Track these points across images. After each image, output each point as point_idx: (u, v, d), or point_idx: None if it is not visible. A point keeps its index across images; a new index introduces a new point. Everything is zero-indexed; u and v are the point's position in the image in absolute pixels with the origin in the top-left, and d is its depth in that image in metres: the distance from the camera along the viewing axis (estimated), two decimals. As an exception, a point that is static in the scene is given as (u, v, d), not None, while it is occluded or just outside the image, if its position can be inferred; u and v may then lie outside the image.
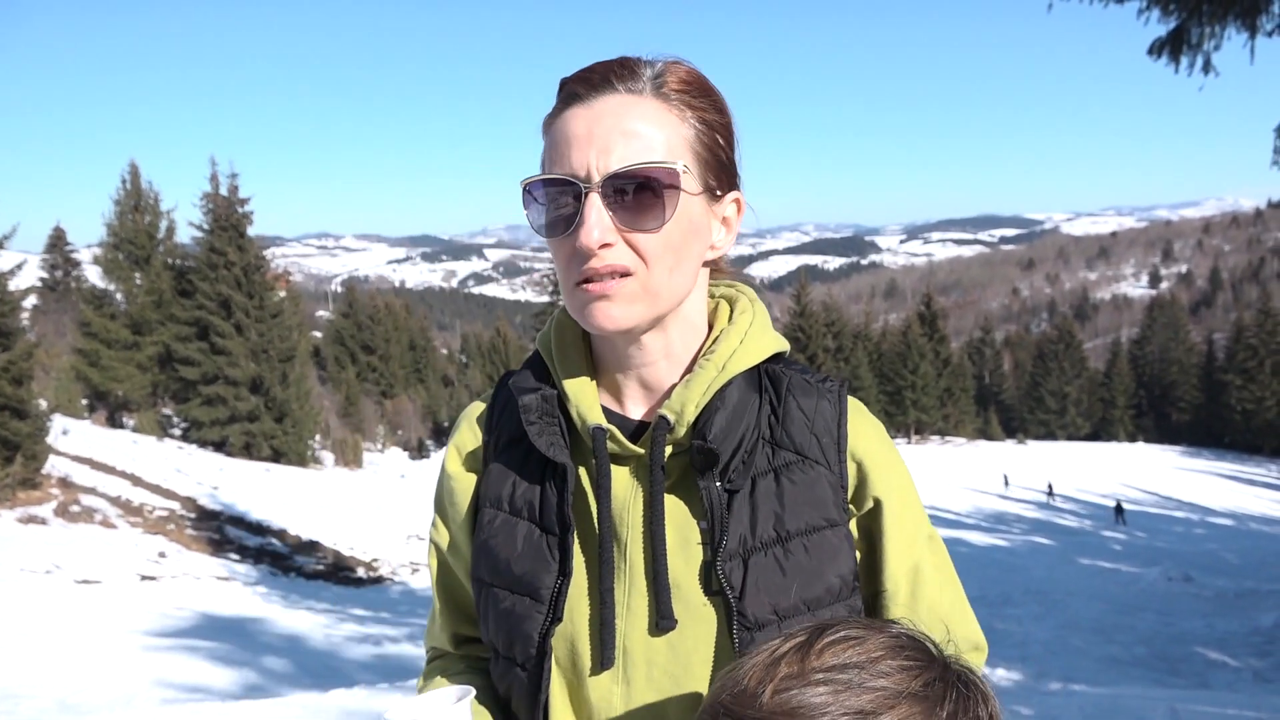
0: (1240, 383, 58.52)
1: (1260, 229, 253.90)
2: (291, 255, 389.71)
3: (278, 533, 19.55)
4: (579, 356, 1.15)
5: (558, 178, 1.01)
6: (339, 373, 65.58)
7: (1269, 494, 37.65)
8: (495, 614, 1.11)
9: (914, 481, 1.15)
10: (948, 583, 1.14)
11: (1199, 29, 6.44)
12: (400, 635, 11.13)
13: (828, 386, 1.12)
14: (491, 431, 1.19)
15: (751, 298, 1.17)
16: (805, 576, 1.04)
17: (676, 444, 1.07)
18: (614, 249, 1.00)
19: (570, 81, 1.04)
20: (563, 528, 1.07)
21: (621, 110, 1.00)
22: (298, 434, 36.21)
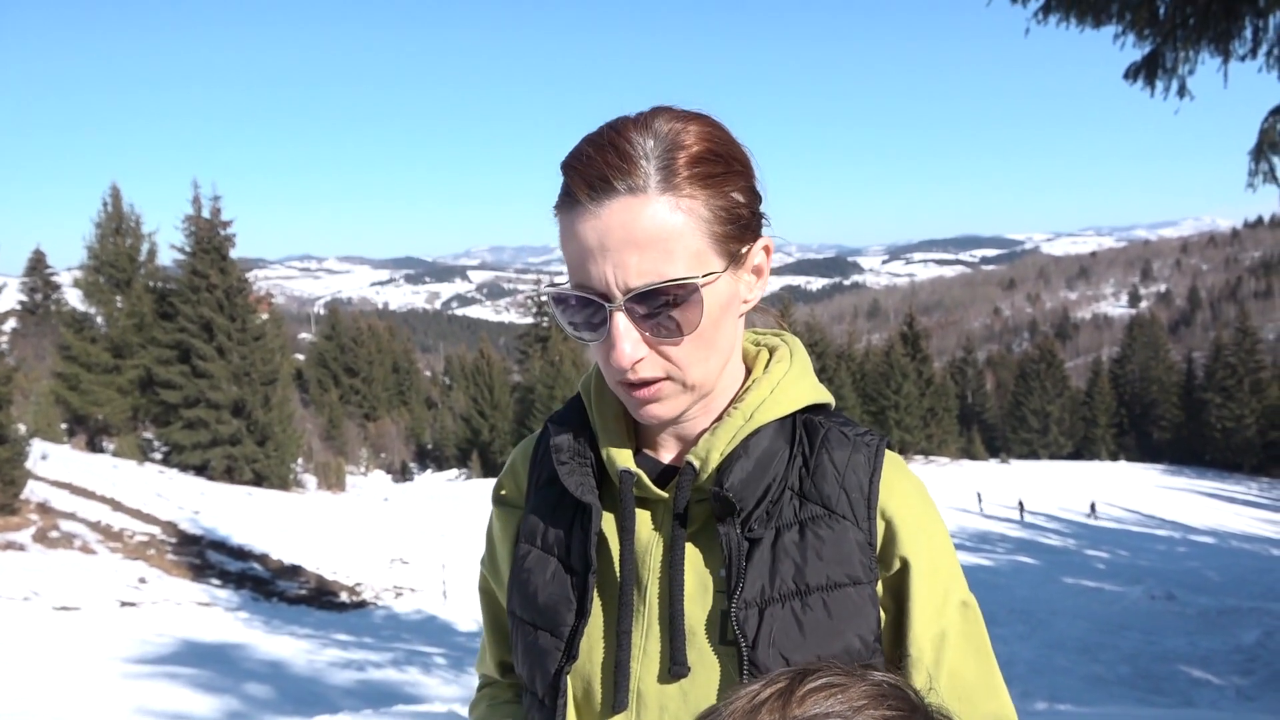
0: (1220, 401, 58.92)
1: (1237, 248, 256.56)
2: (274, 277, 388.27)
3: (259, 557, 19.39)
4: (616, 401, 1.15)
5: (581, 296, 1.00)
6: (322, 395, 65.27)
7: (1249, 511, 37.88)
8: (523, 648, 1.13)
9: (950, 544, 1.11)
10: (976, 653, 1.09)
11: (1173, 53, 6.55)
12: (384, 660, 11.04)
13: (865, 440, 1.10)
14: (535, 468, 1.21)
15: (793, 347, 1.17)
16: (823, 633, 1.02)
17: (701, 491, 1.06)
18: (646, 361, 1.00)
19: (569, 177, 1.00)
20: (585, 567, 1.08)
21: (629, 218, 0.95)
22: (280, 457, 35.95)
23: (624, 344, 0.98)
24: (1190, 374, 64.65)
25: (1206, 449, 59.76)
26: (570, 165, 1.01)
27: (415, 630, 14.20)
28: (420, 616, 15.63)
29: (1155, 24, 6.42)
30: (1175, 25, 6.33)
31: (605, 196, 0.97)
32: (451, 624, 15.00)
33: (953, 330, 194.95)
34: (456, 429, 67.70)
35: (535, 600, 1.12)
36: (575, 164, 1.00)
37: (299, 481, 38.88)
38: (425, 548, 22.62)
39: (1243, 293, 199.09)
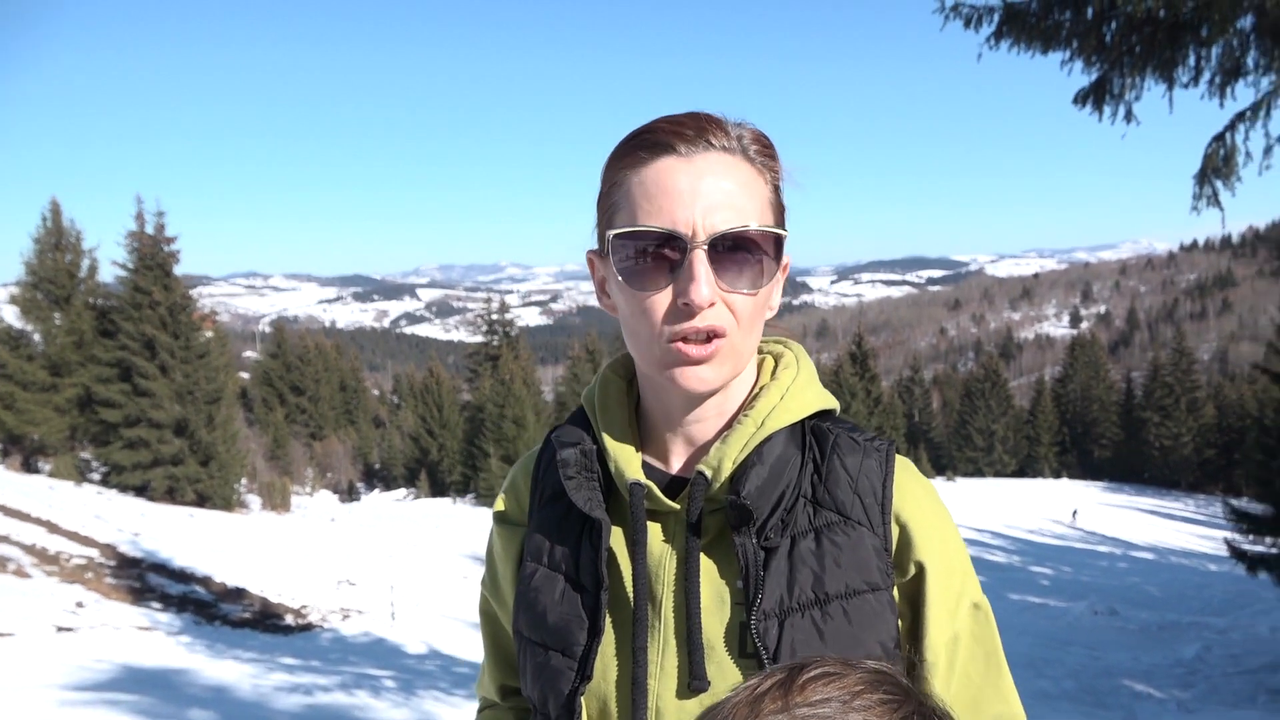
0: (1158, 420, 60.37)
1: (1174, 271, 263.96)
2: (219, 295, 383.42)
3: (202, 580, 18.97)
4: (622, 411, 1.14)
5: (663, 231, 0.99)
6: (267, 414, 64.41)
7: (1187, 528, 38.77)
8: (531, 669, 1.09)
9: (963, 546, 1.11)
10: (987, 655, 1.09)
11: (1120, 79, 6.74)
12: (332, 684, 10.83)
13: (875, 445, 1.10)
14: (537, 485, 1.18)
15: (798, 353, 1.16)
16: (844, 642, 1.00)
17: (714, 500, 1.05)
18: (715, 309, 1.00)
19: (659, 133, 1.01)
20: (596, 584, 1.05)
21: (722, 169, 0.99)
22: (223, 478, 35.32)
23: (704, 284, 0.97)
24: (1129, 393, 66.20)
25: (1145, 467, 61.15)
26: (659, 126, 1.02)
27: (363, 653, 13.96)
28: (368, 639, 15.37)
29: (1103, 50, 6.61)
30: (1122, 52, 6.51)
31: (701, 148, 1.00)
32: (400, 646, 14.78)
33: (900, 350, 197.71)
34: (405, 448, 67.11)
35: (545, 620, 1.08)
36: (665, 124, 1.02)
37: (243, 502, 38.23)
38: (373, 569, 22.30)
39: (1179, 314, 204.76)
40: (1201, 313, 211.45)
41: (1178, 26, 6.34)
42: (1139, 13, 5.93)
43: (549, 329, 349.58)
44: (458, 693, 10.98)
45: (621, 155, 1.04)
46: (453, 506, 54.60)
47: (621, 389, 1.17)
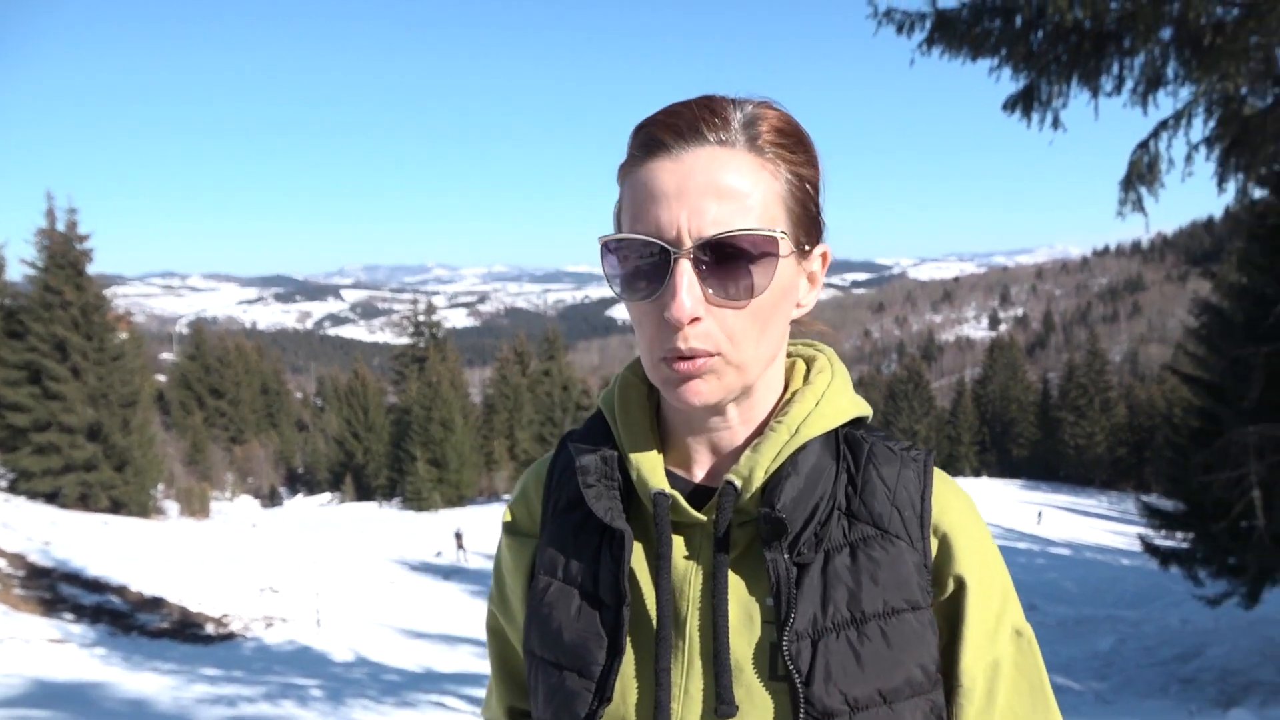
0: (1073, 420, 62.28)
1: (1087, 275, 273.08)
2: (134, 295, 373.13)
3: (117, 589, 18.38)
4: (643, 416, 1.07)
5: (643, 239, 0.92)
6: (185, 418, 62.90)
7: (1101, 524, 40.04)
8: (544, 690, 1.03)
9: (1004, 565, 1.05)
10: (1034, 689, 1.02)
11: (1048, 87, 6.92)
12: (256, 695, 10.57)
13: (912, 455, 1.04)
14: (550, 494, 1.11)
15: (831, 357, 1.10)
16: (883, 665, 0.94)
17: (742, 512, 0.99)
18: (702, 324, 0.92)
19: (653, 128, 0.95)
20: (617, 600, 0.98)
21: (713, 165, 0.92)
22: (139, 483, 34.39)
23: (684, 295, 0.90)
24: (1046, 394, 68.19)
25: (1061, 465, 63.03)
26: (656, 119, 0.96)
27: (288, 662, 13.66)
28: (293, 647, 15.05)
29: (1030, 59, 6.77)
30: (1049, 61, 6.69)
31: (692, 144, 0.92)
32: (327, 654, 14.50)
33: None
34: (329, 452, 66.08)
35: (560, 638, 1.02)
36: (663, 117, 0.95)
37: (160, 508, 37.29)
38: (297, 575, 21.86)
39: (1092, 317, 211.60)
40: (1113, 315, 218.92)
41: (1102, 36, 6.53)
42: (1067, 22, 6.09)
43: (476, 331, 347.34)
44: (387, 700, 10.80)
45: (627, 153, 0.98)
46: (379, 510, 53.88)
47: (642, 392, 1.10)
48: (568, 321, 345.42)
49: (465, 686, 12.06)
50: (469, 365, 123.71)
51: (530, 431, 59.15)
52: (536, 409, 60.50)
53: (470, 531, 30.84)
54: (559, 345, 64.60)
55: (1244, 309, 13.56)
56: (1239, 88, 6.78)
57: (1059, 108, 7.00)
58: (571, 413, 57.03)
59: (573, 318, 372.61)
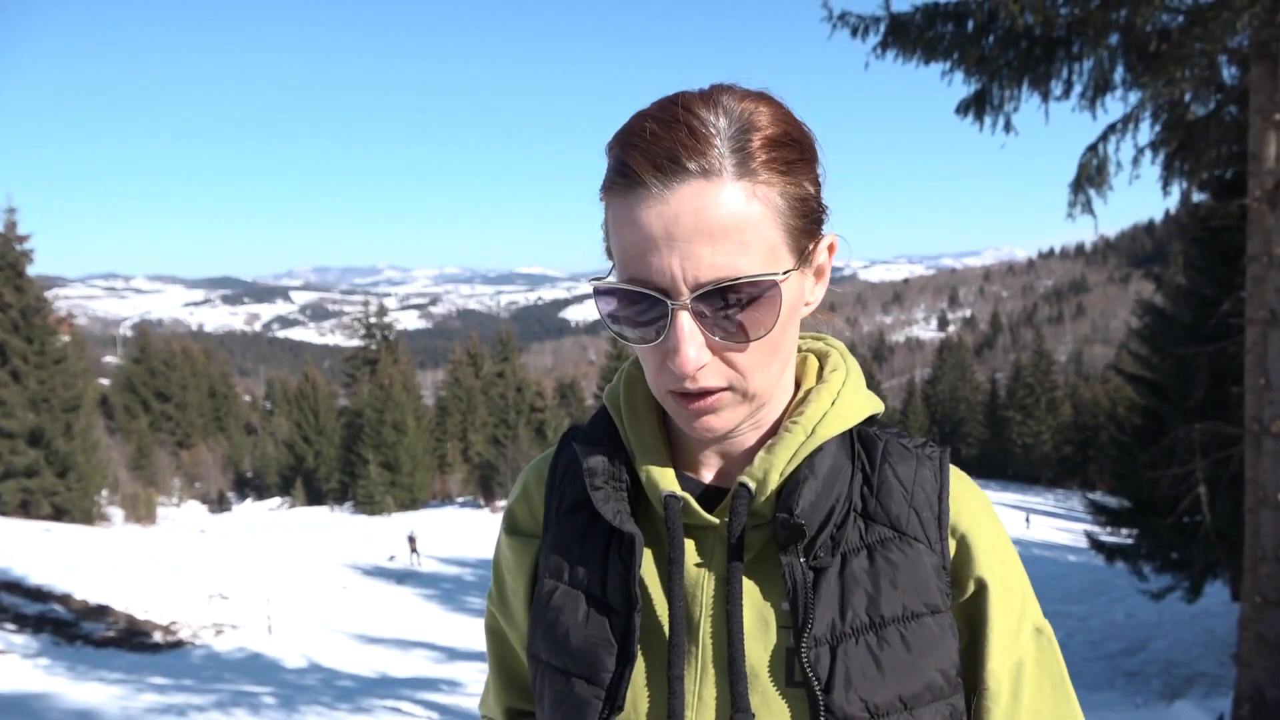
0: (1020, 419, 63.37)
1: (1033, 277, 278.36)
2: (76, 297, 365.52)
3: (61, 598, 17.96)
4: (650, 415, 1.04)
5: (638, 291, 0.87)
6: (130, 422, 61.67)
7: (1048, 521, 40.76)
8: (551, 696, 1.00)
9: (1021, 564, 1.03)
10: (1056, 686, 1.01)
11: (1000, 92, 7.04)
12: (207, 703, 10.40)
13: (928, 452, 1.01)
14: (553, 494, 1.08)
15: (842, 352, 1.07)
16: (903, 670, 0.92)
17: (756, 515, 0.96)
18: (708, 368, 0.88)
19: (629, 157, 0.87)
20: (628, 606, 0.95)
21: (701, 203, 0.84)
22: (83, 489, 33.70)
23: (688, 348, 0.86)
24: (994, 393, 69.34)
25: (1009, 463, 64.10)
26: (630, 142, 0.88)
27: (239, 669, 13.46)
28: (244, 654, 14.83)
29: (982, 63, 6.88)
30: (1000, 65, 6.80)
31: (675, 179, 0.85)
32: (279, 661, 14.31)
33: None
34: (279, 456, 65.20)
35: (567, 643, 0.99)
36: (637, 141, 0.87)
37: (105, 515, 36.56)
38: (247, 581, 21.54)
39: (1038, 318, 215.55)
40: (1058, 316, 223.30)
41: (1052, 42, 6.66)
42: (1018, 27, 6.20)
43: (428, 333, 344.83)
44: (341, 707, 10.68)
45: (606, 175, 0.91)
46: (330, 515, 53.28)
47: (648, 389, 1.05)
48: (521, 323, 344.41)
49: (421, 691, 11.97)
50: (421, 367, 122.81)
51: (484, 434, 58.82)
52: (490, 411, 60.17)
53: (424, 535, 30.62)
54: (512, 347, 64.32)
55: (1189, 310, 13.90)
56: (1183, 94, 6.95)
57: (1011, 111, 7.13)
58: (525, 415, 56.77)
59: (526, 319, 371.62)
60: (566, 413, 59.28)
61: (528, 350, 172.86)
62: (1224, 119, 7.25)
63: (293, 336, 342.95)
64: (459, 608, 21.08)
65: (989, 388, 71.36)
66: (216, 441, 70.12)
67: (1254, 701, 6.90)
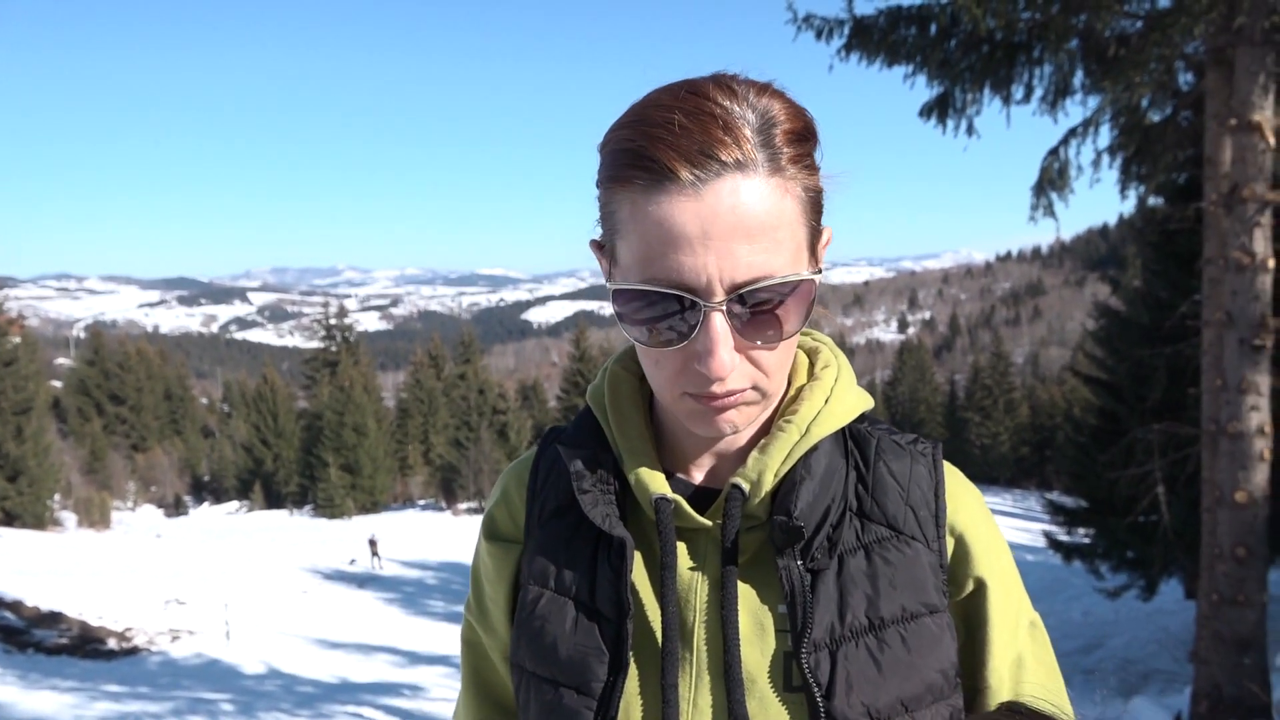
0: (978, 420, 64.14)
1: (990, 279, 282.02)
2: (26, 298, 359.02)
3: (11, 605, 17.63)
4: (636, 414, 1.01)
5: (672, 293, 0.83)
6: (83, 425, 60.66)
7: (1006, 521, 41.24)
8: (538, 707, 0.97)
9: (1013, 559, 1.03)
10: (1050, 676, 1.01)
11: (962, 95, 7.12)
12: (163, 711, 10.23)
13: (920, 449, 1.00)
14: (535, 498, 1.04)
15: (832, 348, 1.04)
16: (903, 672, 0.90)
17: (750, 517, 0.93)
18: (736, 371, 0.86)
19: (657, 150, 0.82)
20: (619, 612, 0.93)
21: (737, 200, 0.81)
22: (34, 494, 33.14)
23: (722, 351, 0.82)
24: (953, 394, 70.13)
25: (968, 464, 64.73)
26: (655, 135, 0.83)
27: (196, 676, 13.26)
28: (201, 660, 14.62)
29: (945, 67, 6.94)
30: (962, 69, 6.87)
31: (711, 174, 0.81)
32: (237, 666, 14.11)
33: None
34: (237, 459, 64.39)
35: (555, 652, 0.95)
36: (663, 133, 0.83)
37: (57, 519, 35.91)
38: (204, 586, 21.25)
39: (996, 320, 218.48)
40: (1016, 319, 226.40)
41: (1013, 46, 6.74)
42: (980, 31, 6.26)
43: (389, 334, 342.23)
44: (301, 713, 10.57)
45: (617, 168, 0.87)
46: (290, 518, 52.70)
47: (634, 387, 1.03)
48: (482, 324, 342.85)
49: (382, 696, 11.86)
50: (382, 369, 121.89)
51: (445, 436, 58.46)
52: (452, 413, 59.83)
53: (385, 538, 30.35)
54: (474, 348, 64.02)
55: (1146, 312, 14.12)
56: (1141, 99, 7.07)
57: (973, 115, 7.21)
58: (488, 416, 56.51)
59: (488, 321, 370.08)
60: (529, 414, 59.13)
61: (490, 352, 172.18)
62: (1180, 124, 7.39)
63: (251, 338, 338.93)
64: (421, 611, 20.92)
65: (948, 389, 72.15)
66: (172, 444, 69.14)
67: (1211, 698, 7.01)
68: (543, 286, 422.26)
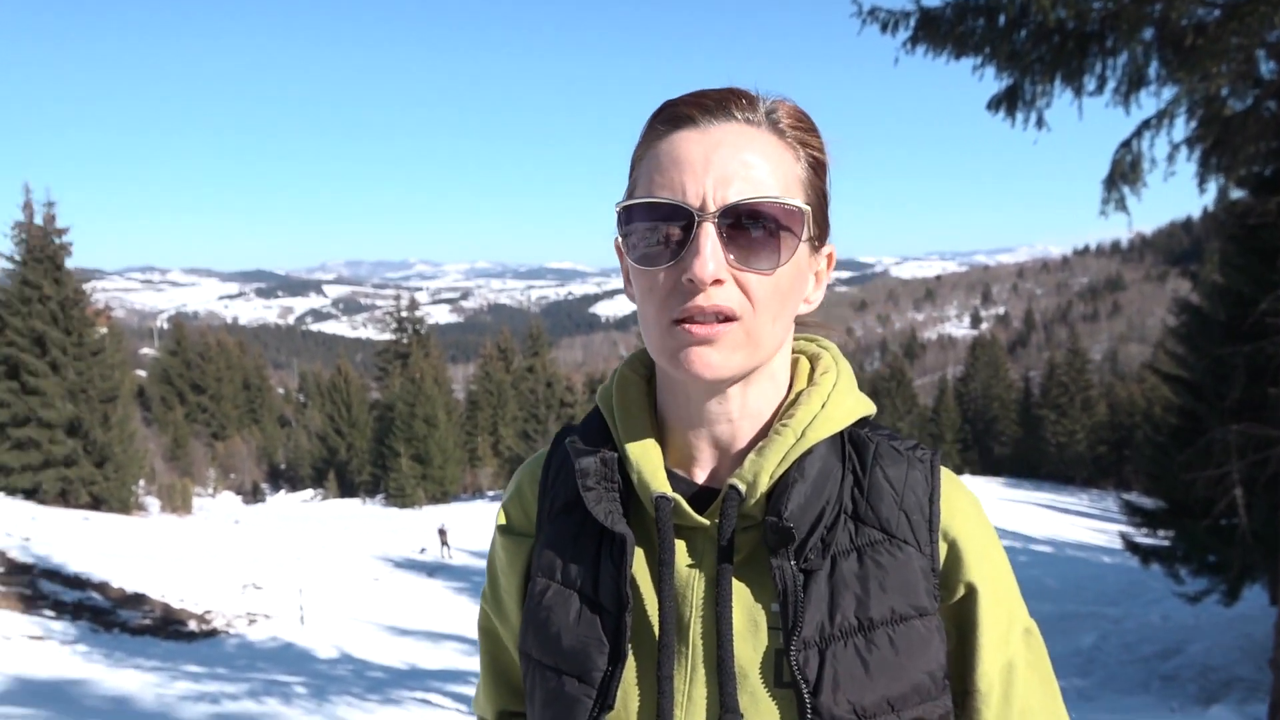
0: (1054, 418, 62.60)
1: (1068, 274, 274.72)
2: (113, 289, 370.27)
3: (98, 586, 18.26)
4: (643, 415, 1.05)
5: (667, 202, 0.92)
6: (166, 414, 62.47)
7: (1083, 521, 40.28)
8: (542, 694, 1.01)
9: (1010, 566, 1.04)
10: (1044, 684, 1.03)
11: (1032, 87, 6.97)
12: (239, 692, 10.53)
13: (918, 455, 1.02)
14: (546, 493, 1.09)
15: (835, 355, 1.08)
16: (890, 673, 0.93)
17: (746, 517, 0.97)
18: (724, 287, 0.91)
19: (679, 105, 0.96)
20: (618, 606, 0.97)
21: (740, 139, 0.93)
22: (120, 479, 34.11)
23: (708, 255, 0.89)
24: (1027, 392, 68.52)
25: (1043, 463, 63.33)
26: (682, 98, 0.97)
27: (271, 659, 13.62)
28: (276, 644, 15.01)
29: (1014, 58, 6.81)
30: (1032, 60, 6.73)
31: (718, 119, 0.94)
32: (310, 651, 14.46)
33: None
34: (312, 448, 65.76)
35: (559, 642, 1.00)
36: (690, 96, 0.97)
37: (141, 504, 36.99)
38: (280, 571, 21.78)
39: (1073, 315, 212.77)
40: (1094, 315, 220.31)
41: (1085, 36, 6.58)
42: (1049, 21, 6.14)
43: (459, 327, 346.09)
44: (371, 698, 10.78)
45: (645, 132, 0.99)
46: (362, 507, 53.69)
47: (641, 388, 1.08)
48: (551, 318, 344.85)
49: (450, 684, 12.05)
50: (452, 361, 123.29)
51: (514, 428, 59.05)
52: (520, 405, 60.40)
53: (454, 528, 30.79)
54: (543, 341, 64.49)
55: (1226, 308, 13.68)
56: (1220, 89, 6.84)
57: (1043, 107, 7.06)
58: (555, 409, 56.95)
59: (556, 314, 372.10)
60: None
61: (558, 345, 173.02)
62: (1262, 114, 7.13)
63: (325, 329, 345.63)
64: (488, 601, 21.16)
65: (1022, 386, 70.50)
66: (251, 433, 70.82)
67: (1288, 706, 6.80)
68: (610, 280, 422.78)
